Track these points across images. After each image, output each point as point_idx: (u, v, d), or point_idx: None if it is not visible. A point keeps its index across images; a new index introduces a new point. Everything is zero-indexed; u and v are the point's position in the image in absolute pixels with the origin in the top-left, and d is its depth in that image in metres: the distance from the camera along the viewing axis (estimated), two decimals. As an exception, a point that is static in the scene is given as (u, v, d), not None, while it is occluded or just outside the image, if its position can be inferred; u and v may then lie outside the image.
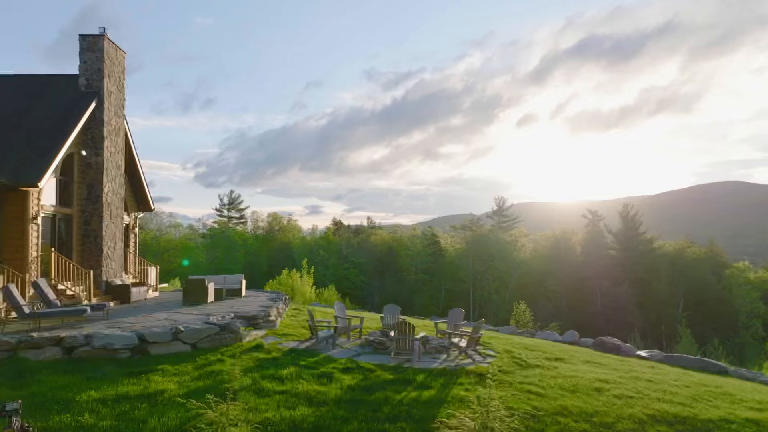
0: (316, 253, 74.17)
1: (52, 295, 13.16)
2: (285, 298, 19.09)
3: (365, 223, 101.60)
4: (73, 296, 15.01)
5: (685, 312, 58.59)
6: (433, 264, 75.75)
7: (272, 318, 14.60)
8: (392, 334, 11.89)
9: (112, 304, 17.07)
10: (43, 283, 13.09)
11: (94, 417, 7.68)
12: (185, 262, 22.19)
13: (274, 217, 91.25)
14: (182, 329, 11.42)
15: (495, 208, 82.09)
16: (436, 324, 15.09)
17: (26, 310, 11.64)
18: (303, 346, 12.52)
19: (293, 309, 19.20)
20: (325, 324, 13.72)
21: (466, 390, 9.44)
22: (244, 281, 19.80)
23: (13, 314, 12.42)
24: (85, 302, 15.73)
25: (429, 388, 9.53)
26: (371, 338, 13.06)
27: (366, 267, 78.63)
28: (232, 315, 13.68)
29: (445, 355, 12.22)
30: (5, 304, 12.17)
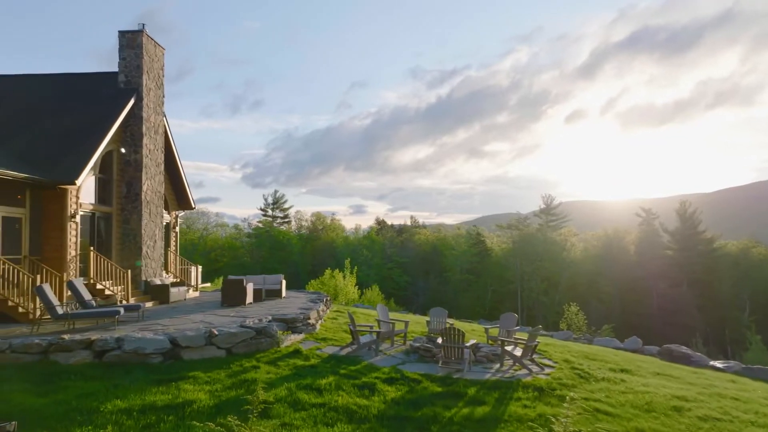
0: (359, 253, 73.68)
1: (87, 295, 12.79)
2: (326, 300, 18.36)
3: (409, 223, 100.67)
4: (110, 296, 14.68)
5: (753, 316, 55.03)
6: (478, 264, 74.03)
7: (312, 321, 13.85)
8: (440, 340, 10.92)
9: (150, 304, 16.73)
10: (78, 282, 12.74)
11: (117, 430, 7.06)
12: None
13: (318, 217, 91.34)
14: (216, 333, 10.78)
15: (542, 206, 79.56)
16: (486, 330, 14.01)
17: (59, 310, 11.25)
18: (344, 352, 11.71)
19: (334, 311, 18.46)
20: (367, 328, 12.87)
21: (525, 407, 8.39)
22: (284, 282, 19.19)
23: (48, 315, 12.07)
24: (123, 302, 15.39)
25: (482, 403, 8.53)
26: (417, 344, 12.13)
27: (410, 267, 77.62)
28: (270, 318, 12.99)
29: (497, 365, 11.16)
30: (40, 304, 11.84)
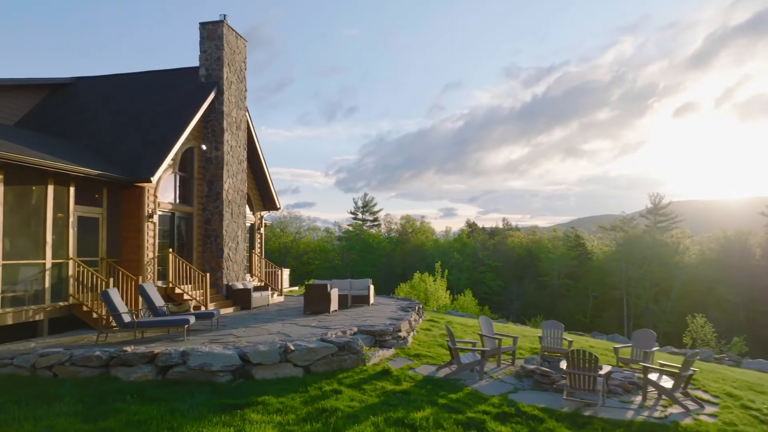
0: (449, 256, 71.41)
1: (159, 301, 11.77)
2: (418, 308, 16.49)
3: (501, 225, 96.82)
4: (188, 301, 13.70)
5: None
6: (577, 268, 69.27)
7: (403, 334, 12.03)
8: (563, 364, 8.71)
9: (231, 309, 15.68)
10: (149, 287, 11.75)
11: (162, 476, 5.57)
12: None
13: (407, 220, 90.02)
14: (293, 348, 9.23)
15: (649, 206, 73.20)
16: (615, 349, 11.49)
17: (125, 318, 10.22)
18: (441, 373, 9.78)
19: (427, 320, 16.56)
20: (468, 345, 10.87)
21: (699, 469, 6.04)
22: (372, 287, 17.55)
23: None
24: (202, 308, 14.39)
25: (634, 459, 6.27)
26: (530, 367, 9.95)
27: (503, 271, 74.21)
28: (355, 329, 11.33)
29: (639, 398, 8.76)
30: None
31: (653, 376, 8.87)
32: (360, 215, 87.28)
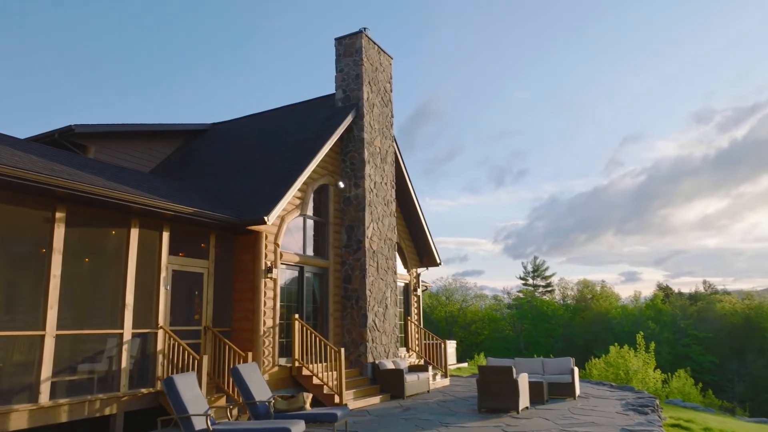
0: (643, 325, 60.46)
1: (262, 392, 7.89)
2: (655, 405, 10.67)
3: (702, 289, 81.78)
4: (319, 387, 9.73)
5: None
6: (824, 341, 54.14)
7: (661, 464, 6.65)
8: None
9: (378, 399, 11.41)
10: (248, 370, 7.96)
11: None
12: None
13: (585, 284, 80.00)
14: None
15: None
16: None
17: (196, 424, 6.43)
18: None
19: (670, 426, 10.63)
20: None
21: None
22: (576, 369, 12.06)
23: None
24: (336, 399, 10.32)
25: None
26: None
27: (714, 343, 60.94)
28: (576, 457, 6.30)
29: None
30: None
31: None
32: (530, 280, 79.63)
